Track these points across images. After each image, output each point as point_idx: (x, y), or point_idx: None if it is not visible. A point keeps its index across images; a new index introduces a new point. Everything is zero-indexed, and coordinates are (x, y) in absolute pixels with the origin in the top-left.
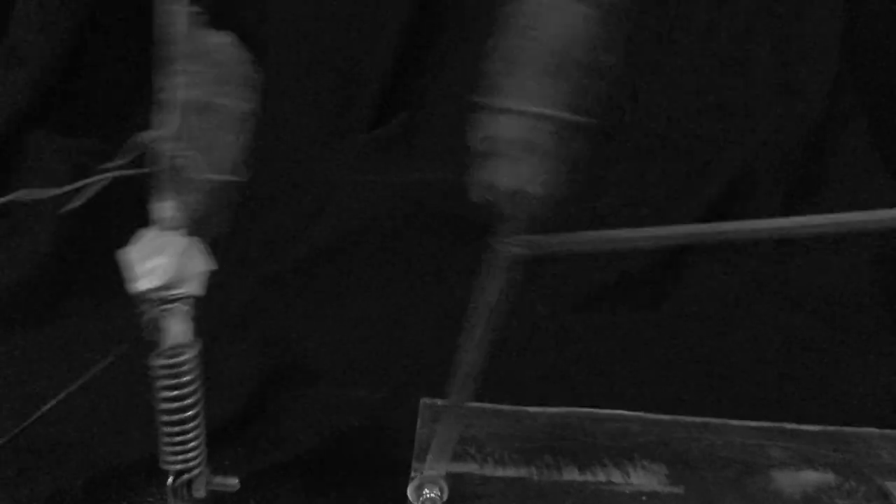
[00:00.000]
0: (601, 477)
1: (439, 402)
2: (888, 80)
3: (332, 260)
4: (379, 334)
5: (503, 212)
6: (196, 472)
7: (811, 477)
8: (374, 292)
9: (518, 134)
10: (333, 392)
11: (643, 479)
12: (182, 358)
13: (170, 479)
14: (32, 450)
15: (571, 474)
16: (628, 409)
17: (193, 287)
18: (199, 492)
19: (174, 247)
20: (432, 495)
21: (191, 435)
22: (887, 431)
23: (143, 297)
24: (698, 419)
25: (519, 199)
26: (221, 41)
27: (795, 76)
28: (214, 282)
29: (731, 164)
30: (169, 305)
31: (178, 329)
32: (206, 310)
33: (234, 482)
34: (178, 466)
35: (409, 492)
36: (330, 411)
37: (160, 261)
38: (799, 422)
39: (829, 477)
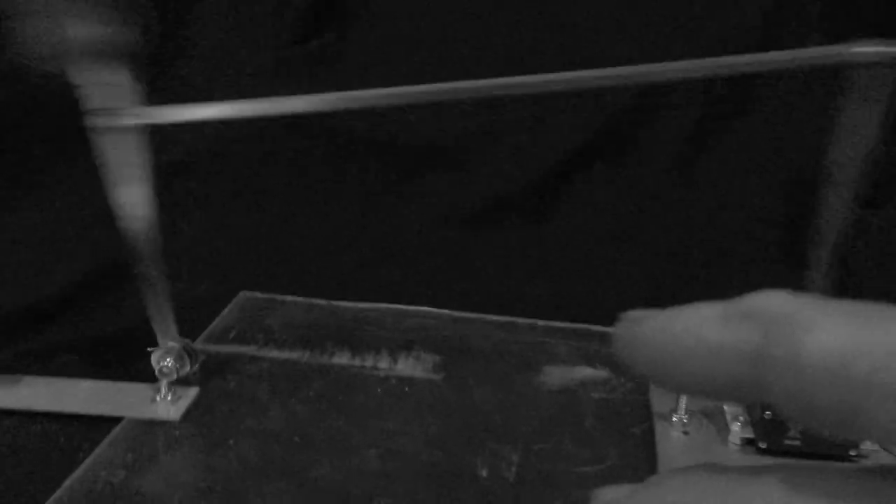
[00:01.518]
0: (368, 363)
1: (259, 294)
2: None
3: (208, 166)
4: (234, 237)
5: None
6: None
7: (583, 373)
8: (241, 200)
9: None
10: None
11: (408, 366)
12: None
13: None
14: None
15: (340, 359)
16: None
17: None
18: None
19: None
20: (170, 364)
21: None
22: None
23: None
24: (504, 318)
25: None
26: None
27: None
28: None
29: None
30: None
31: None
32: None
33: None
34: None
35: (152, 359)
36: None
37: None
38: None
39: (601, 373)
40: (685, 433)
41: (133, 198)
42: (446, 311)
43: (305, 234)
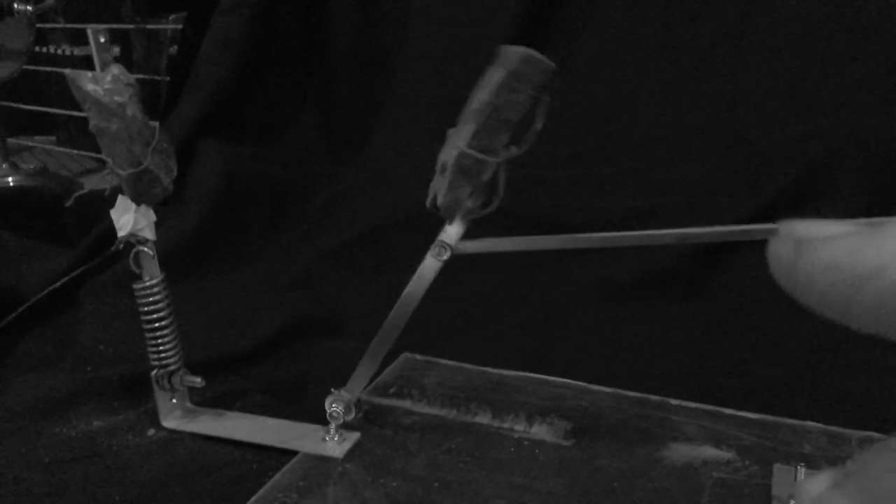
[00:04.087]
0: (506, 424)
1: (418, 357)
2: None
3: (387, 239)
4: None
5: (442, 216)
6: (172, 368)
7: (708, 453)
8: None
9: (444, 158)
10: (346, 344)
11: (541, 430)
12: (151, 283)
13: (153, 372)
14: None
15: (482, 419)
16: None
17: (149, 233)
18: (176, 383)
19: (132, 207)
20: (338, 409)
21: (165, 340)
22: (833, 428)
23: (121, 241)
24: (638, 394)
25: (449, 209)
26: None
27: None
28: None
29: (807, 160)
30: (140, 247)
31: (147, 264)
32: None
33: (198, 380)
34: (158, 363)
35: (325, 404)
36: (335, 356)
37: (127, 216)
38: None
39: (727, 455)
40: None
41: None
42: (583, 383)
43: (465, 302)
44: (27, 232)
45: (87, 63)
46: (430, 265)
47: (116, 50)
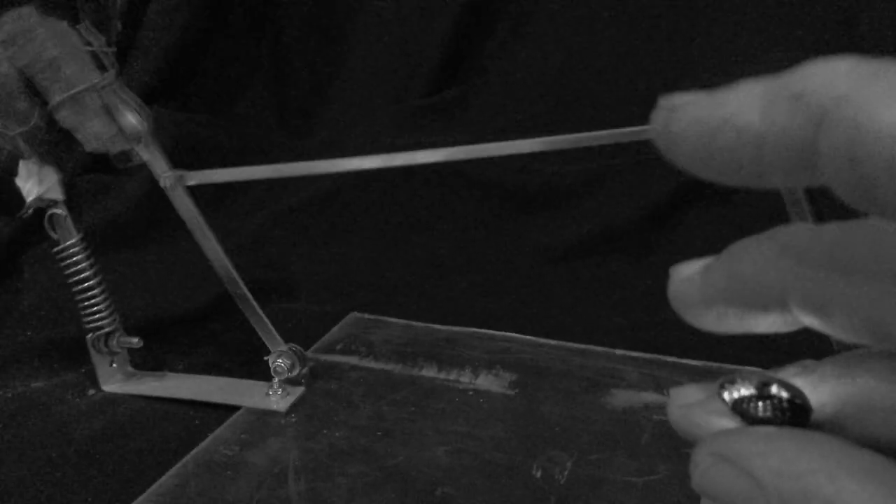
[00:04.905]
0: (451, 377)
1: (367, 316)
2: None
3: (338, 203)
4: (354, 265)
5: None
6: (107, 330)
7: (649, 398)
8: (364, 233)
9: None
10: (296, 305)
11: (486, 381)
12: (69, 244)
13: (88, 335)
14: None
15: (428, 372)
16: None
17: (55, 193)
18: (113, 346)
19: (34, 170)
20: (282, 364)
21: (96, 301)
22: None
23: (30, 206)
24: (585, 346)
25: None
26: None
27: None
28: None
29: None
30: (51, 209)
31: (61, 226)
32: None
33: (135, 340)
34: (92, 326)
35: (269, 359)
36: (285, 317)
37: (32, 181)
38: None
39: (667, 399)
40: None
41: (208, 244)
42: (529, 337)
43: (414, 264)
44: None
45: None
46: None
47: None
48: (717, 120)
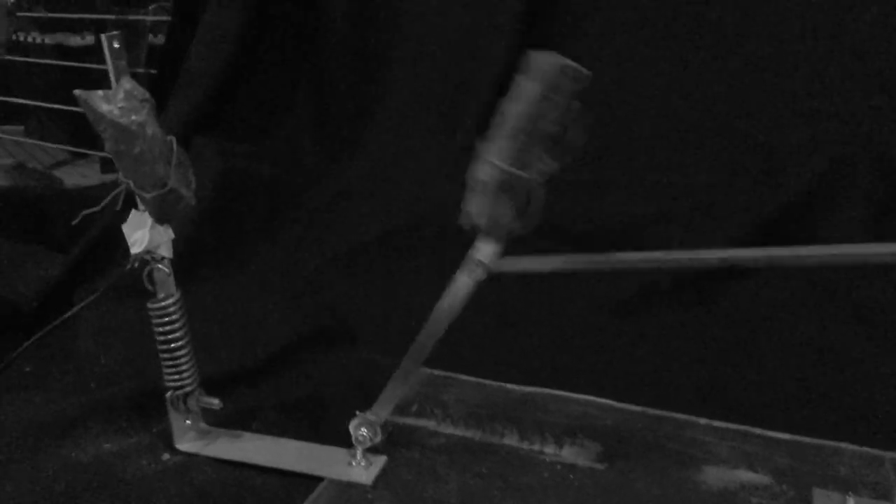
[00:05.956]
0: (535, 446)
1: (436, 372)
2: None
3: (396, 246)
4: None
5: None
6: (188, 389)
7: (743, 476)
8: (425, 278)
9: (482, 177)
10: (361, 355)
11: (572, 453)
12: (167, 302)
13: (168, 394)
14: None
15: (510, 440)
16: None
17: (165, 250)
18: (192, 405)
19: (147, 223)
20: (365, 433)
21: (182, 360)
22: (867, 450)
23: (136, 258)
24: (665, 413)
25: (491, 228)
26: None
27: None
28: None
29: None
30: (156, 264)
31: (162, 282)
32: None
33: (216, 401)
34: (174, 384)
35: (350, 427)
36: (350, 369)
37: (141, 233)
38: (819, 435)
39: (763, 479)
40: None
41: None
42: (606, 401)
43: (478, 317)
44: (9, 233)
45: (58, 52)
46: (463, 283)
47: (91, 38)
48: None
